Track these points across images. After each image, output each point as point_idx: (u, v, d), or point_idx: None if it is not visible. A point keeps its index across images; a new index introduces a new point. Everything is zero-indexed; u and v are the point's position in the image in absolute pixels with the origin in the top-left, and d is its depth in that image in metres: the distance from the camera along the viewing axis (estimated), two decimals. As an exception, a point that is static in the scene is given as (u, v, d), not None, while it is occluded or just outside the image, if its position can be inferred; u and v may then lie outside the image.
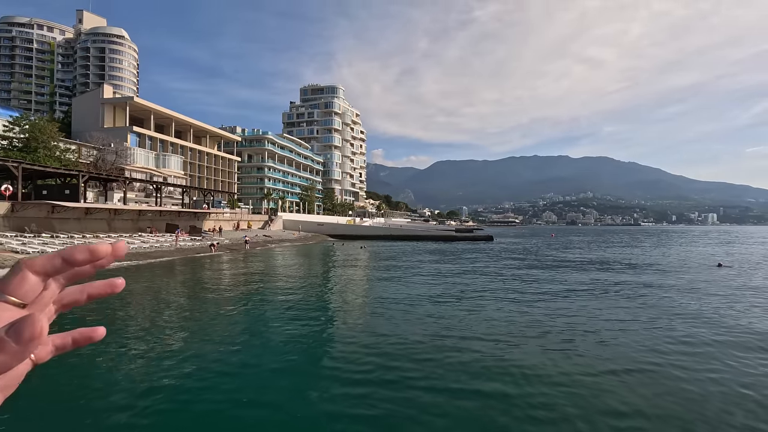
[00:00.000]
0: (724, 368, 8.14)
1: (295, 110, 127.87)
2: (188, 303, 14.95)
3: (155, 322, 11.92)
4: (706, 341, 9.93)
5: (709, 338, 10.19)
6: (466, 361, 8.56)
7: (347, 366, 8.36)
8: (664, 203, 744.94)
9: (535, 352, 9.14)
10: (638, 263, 30.02)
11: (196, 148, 66.28)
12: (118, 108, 56.17)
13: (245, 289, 17.79)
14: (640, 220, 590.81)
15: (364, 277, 22.67)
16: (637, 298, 15.71)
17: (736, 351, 9.20)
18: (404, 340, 9.96)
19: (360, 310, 14.14)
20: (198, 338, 10.37)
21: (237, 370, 8.11)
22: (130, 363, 8.57)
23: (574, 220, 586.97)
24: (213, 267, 25.78)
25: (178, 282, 19.64)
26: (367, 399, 6.77)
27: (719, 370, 8.01)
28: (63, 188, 31.97)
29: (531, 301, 15.08)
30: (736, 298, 15.78)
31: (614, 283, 19.66)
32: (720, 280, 20.80)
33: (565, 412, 6.28)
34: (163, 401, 6.70)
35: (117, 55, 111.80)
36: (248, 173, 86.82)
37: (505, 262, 30.89)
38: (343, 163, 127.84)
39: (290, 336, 10.57)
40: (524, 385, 7.24)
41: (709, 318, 12.42)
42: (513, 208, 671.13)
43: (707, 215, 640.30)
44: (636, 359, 8.64)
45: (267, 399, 6.88)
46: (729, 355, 8.95)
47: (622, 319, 12.30)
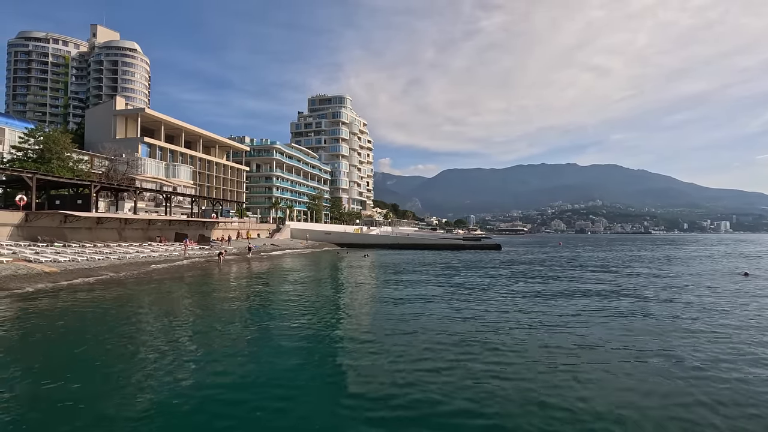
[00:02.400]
0: None
1: (303, 120, 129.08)
2: (192, 314, 15.05)
3: (159, 337, 12.03)
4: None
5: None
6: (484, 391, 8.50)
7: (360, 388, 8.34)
8: (675, 211, 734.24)
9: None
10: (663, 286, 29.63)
11: (206, 158, 67.09)
12: (130, 119, 57.20)
13: (247, 303, 17.88)
14: (650, 228, 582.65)
15: (369, 291, 22.67)
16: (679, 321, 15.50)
17: None
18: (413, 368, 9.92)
19: (365, 329, 14.13)
20: (200, 354, 10.43)
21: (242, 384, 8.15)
22: (134, 377, 8.65)
23: (583, 229, 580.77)
24: (220, 277, 25.95)
25: (184, 292, 19.80)
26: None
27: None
28: (75, 198, 32.51)
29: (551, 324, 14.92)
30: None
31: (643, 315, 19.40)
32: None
33: None
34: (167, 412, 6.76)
35: (129, 67, 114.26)
36: (257, 182, 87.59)
37: (513, 277, 30.65)
38: (350, 173, 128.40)
39: (293, 362, 10.59)
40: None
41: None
42: (521, 217, 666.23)
43: (720, 223, 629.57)
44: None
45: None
46: None
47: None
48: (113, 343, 10.51)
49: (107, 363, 8.95)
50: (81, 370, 8.53)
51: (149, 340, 10.95)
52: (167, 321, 13.26)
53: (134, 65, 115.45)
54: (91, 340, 10.80)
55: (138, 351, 9.93)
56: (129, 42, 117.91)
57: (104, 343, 10.50)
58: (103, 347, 10.13)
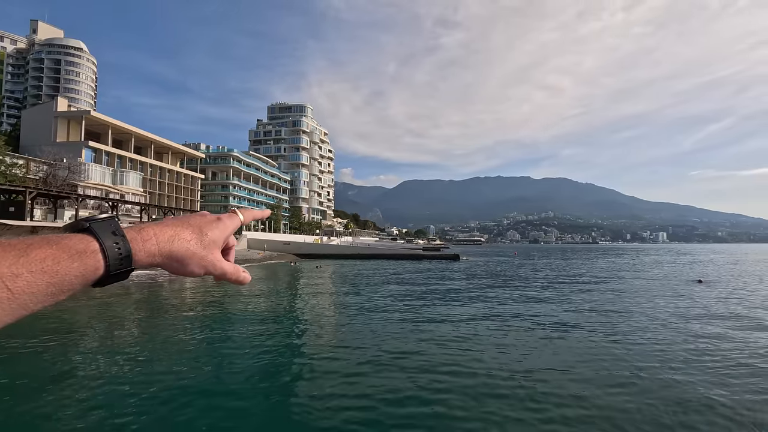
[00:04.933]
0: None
1: (262, 128, 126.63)
2: (139, 330, 14.14)
3: (102, 351, 11.19)
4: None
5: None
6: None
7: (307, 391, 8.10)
8: (619, 222, 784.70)
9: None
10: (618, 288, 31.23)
11: (157, 165, 64.02)
12: (73, 122, 53.63)
13: (192, 318, 17.11)
14: (597, 238, 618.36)
15: (322, 302, 22.34)
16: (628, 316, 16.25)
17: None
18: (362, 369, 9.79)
19: (318, 334, 13.86)
20: (147, 371, 9.78)
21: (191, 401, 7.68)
22: (67, 400, 7.95)
23: (537, 239, 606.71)
24: (169, 290, 24.62)
25: (130, 307, 18.59)
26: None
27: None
28: (7, 205, 29.92)
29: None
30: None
31: (601, 312, 20.23)
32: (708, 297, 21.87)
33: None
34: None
35: (74, 67, 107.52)
36: (212, 191, 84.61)
37: (471, 285, 31.32)
38: (310, 182, 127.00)
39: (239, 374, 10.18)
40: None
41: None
42: (478, 227, 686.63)
43: (658, 234, 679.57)
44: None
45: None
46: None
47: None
48: (46, 365, 9.60)
49: (41, 386, 8.14)
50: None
51: (82, 362, 10.10)
52: (104, 342, 12.32)
53: (79, 65, 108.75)
54: (23, 363, 9.81)
55: (74, 370, 9.12)
56: (74, 40, 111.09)
57: (36, 365, 9.56)
58: (36, 369, 9.21)
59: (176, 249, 0.60)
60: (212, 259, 0.64)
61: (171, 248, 0.60)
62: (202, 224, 0.65)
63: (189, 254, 0.61)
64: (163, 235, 0.60)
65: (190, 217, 0.66)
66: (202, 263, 0.63)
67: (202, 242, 0.63)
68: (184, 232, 0.62)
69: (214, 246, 0.65)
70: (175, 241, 0.60)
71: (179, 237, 0.61)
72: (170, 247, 0.60)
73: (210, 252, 0.64)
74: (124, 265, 0.56)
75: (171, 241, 0.60)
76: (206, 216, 0.68)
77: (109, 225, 0.57)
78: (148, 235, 0.59)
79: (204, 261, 0.63)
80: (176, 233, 0.61)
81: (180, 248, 0.61)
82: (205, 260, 0.63)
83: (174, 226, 0.62)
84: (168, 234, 0.61)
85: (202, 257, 0.63)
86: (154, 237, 0.59)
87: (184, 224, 0.64)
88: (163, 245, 0.59)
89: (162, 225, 0.62)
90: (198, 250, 0.62)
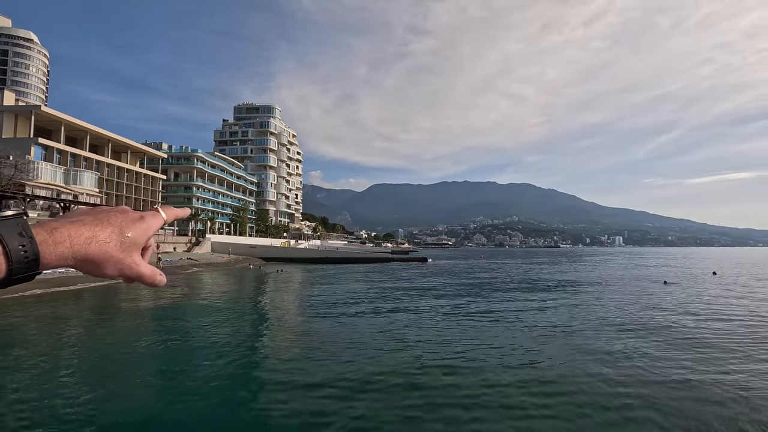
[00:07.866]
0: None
1: (228, 128, 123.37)
2: (92, 337, 13.45)
3: (54, 361, 10.55)
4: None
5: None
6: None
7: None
8: (579, 227, 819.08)
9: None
10: (584, 281, 32.59)
11: (115, 164, 61.01)
12: (21, 117, 50.27)
13: (148, 325, 16.49)
14: (559, 242, 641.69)
15: (284, 308, 22.04)
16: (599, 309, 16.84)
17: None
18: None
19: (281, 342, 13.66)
20: (100, 380, 9.33)
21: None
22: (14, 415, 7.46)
23: (502, 243, 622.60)
24: (125, 295, 23.52)
25: (85, 313, 17.63)
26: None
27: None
28: (-57, 205, 27.61)
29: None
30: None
31: (572, 305, 20.85)
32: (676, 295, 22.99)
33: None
34: None
35: (22, 59, 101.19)
36: (174, 192, 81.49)
37: (437, 283, 31.74)
38: (278, 184, 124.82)
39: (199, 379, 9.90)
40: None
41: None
42: (446, 231, 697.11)
43: (615, 238, 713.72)
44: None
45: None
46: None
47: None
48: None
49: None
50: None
51: (29, 377, 9.49)
52: (55, 349, 11.62)
53: (29, 57, 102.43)
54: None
55: (19, 384, 8.54)
56: (23, 30, 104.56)
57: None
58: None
59: (92, 252, 0.56)
60: (130, 262, 0.60)
61: (87, 251, 0.55)
62: (123, 223, 0.61)
63: (106, 257, 0.57)
64: (80, 237, 0.55)
65: (110, 214, 0.62)
66: (119, 266, 0.59)
67: (122, 244, 0.59)
68: (103, 233, 0.57)
69: (134, 248, 0.61)
70: (92, 244, 0.56)
71: (97, 239, 0.56)
72: (86, 250, 0.55)
73: (129, 255, 0.60)
74: (30, 268, 0.51)
75: (87, 244, 0.55)
76: (128, 213, 0.64)
77: (16, 225, 0.51)
78: (62, 237, 0.54)
79: (121, 264, 0.59)
80: (94, 234, 0.56)
81: (97, 251, 0.56)
82: (122, 263, 0.59)
83: (92, 225, 0.57)
84: (85, 235, 0.56)
85: (119, 260, 0.59)
86: (68, 239, 0.54)
87: (104, 223, 0.59)
88: (78, 248, 0.55)
89: (79, 224, 0.56)
90: (116, 252, 0.58)
